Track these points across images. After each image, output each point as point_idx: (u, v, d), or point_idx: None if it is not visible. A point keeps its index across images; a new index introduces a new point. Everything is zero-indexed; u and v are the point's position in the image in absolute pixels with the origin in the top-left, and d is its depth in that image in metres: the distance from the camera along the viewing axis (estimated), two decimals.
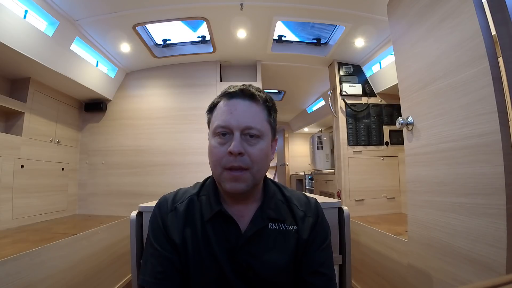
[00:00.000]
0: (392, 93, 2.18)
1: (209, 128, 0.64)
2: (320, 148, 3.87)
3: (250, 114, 0.58)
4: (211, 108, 0.64)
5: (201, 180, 0.71)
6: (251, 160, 0.57)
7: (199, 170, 2.17)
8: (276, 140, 0.66)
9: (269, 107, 0.63)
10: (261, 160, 0.58)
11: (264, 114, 0.61)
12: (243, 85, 0.62)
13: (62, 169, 2.11)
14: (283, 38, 2.18)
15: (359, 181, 2.14)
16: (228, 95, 0.61)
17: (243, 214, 0.62)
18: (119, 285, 1.80)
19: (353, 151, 2.18)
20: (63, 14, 1.57)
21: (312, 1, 1.60)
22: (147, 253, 0.62)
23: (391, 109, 2.25)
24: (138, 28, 1.81)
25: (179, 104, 2.35)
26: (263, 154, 0.59)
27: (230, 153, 0.55)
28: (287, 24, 2.16)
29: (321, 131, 4.34)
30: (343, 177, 2.14)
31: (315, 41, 2.21)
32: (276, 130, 0.66)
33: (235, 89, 0.60)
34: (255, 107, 0.60)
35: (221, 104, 0.61)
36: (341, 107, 2.22)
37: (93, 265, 1.56)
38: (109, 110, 2.38)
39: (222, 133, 0.58)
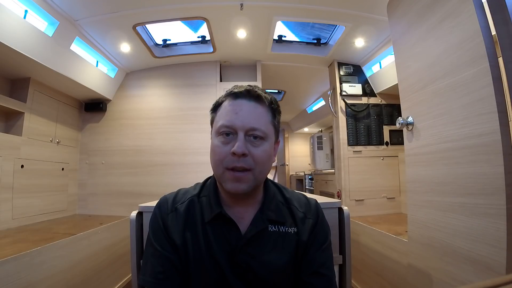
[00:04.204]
0: (392, 93, 2.18)
1: (212, 127, 0.63)
2: (320, 148, 3.87)
3: (255, 115, 0.58)
4: (215, 107, 0.63)
5: (201, 180, 0.71)
6: (254, 161, 0.56)
7: (199, 170, 2.17)
8: (278, 143, 0.66)
9: (274, 109, 0.62)
10: (264, 162, 0.58)
11: (269, 116, 0.61)
12: (249, 85, 0.61)
13: (62, 169, 2.11)
14: (283, 38, 2.18)
15: (359, 181, 2.14)
16: (233, 95, 0.60)
17: (243, 216, 0.62)
18: (119, 285, 1.80)
19: (353, 151, 2.17)
20: (63, 14, 1.57)
21: (312, 1, 1.60)
22: (147, 253, 0.62)
23: (391, 109, 2.25)
24: (138, 28, 1.81)
25: (179, 104, 2.35)
26: (266, 155, 0.58)
27: (234, 153, 0.55)
28: (287, 24, 2.16)
29: (321, 131, 4.34)
30: (343, 177, 2.14)
31: (315, 41, 2.21)
32: (279, 133, 0.66)
33: (241, 89, 0.60)
34: (261, 109, 0.60)
35: (226, 103, 0.61)
36: (341, 107, 2.22)
37: (93, 265, 1.56)
38: (109, 110, 2.38)
39: (226, 133, 0.57)
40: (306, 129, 4.93)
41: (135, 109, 2.37)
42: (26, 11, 1.51)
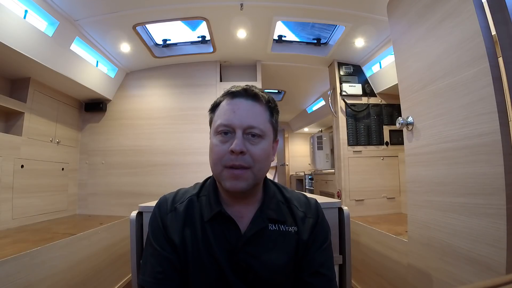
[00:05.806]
0: (392, 93, 2.18)
1: (210, 127, 0.64)
2: (320, 148, 3.87)
3: (253, 114, 0.58)
4: (214, 107, 0.64)
5: (201, 180, 0.71)
6: (252, 159, 0.57)
7: (199, 170, 2.17)
8: (277, 142, 0.66)
9: (272, 107, 0.63)
10: (262, 160, 0.58)
11: (266, 114, 0.61)
12: (246, 85, 0.62)
13: (62, 169, 2.11)
14: (283, 38, 2.18)
15: (359, 181, 2.14)
16: (231, 94, 0.61)
17: (243, 215, 0.62)
18: (119, 285, 1.80)
19: (353, 151, 2.17)
20: (63, 14, 1.57)
21: (312, 1, 1.60)
22: (147, 253, 0.62)
23: (391, 109, 2.25)
24: (138, 28, 1.81)
25: (179, 104, 2.35)
26: (264, 153, 0.59)
27: (232, 151, 0.55)
28: (287, 24, 2.16)
29: (321, 131, 4.34)
30: (343, 177, 2.14)
31: (315, 41, 2.21)
32: (278, 132, 0.66)
33: (238, 88, 0.60)
34: (258, 107, 0.60)
35: (224, 103, 0.61)
36: (341, 107, 2.22)
37: (93, 265, 1.56)
38: (109, 110, 2.38)
39: (224, 132, 0.58)
40: (306, 129, 4.93)
41: (135, 109, 2.37)
42: (26, 11, 1.50)
